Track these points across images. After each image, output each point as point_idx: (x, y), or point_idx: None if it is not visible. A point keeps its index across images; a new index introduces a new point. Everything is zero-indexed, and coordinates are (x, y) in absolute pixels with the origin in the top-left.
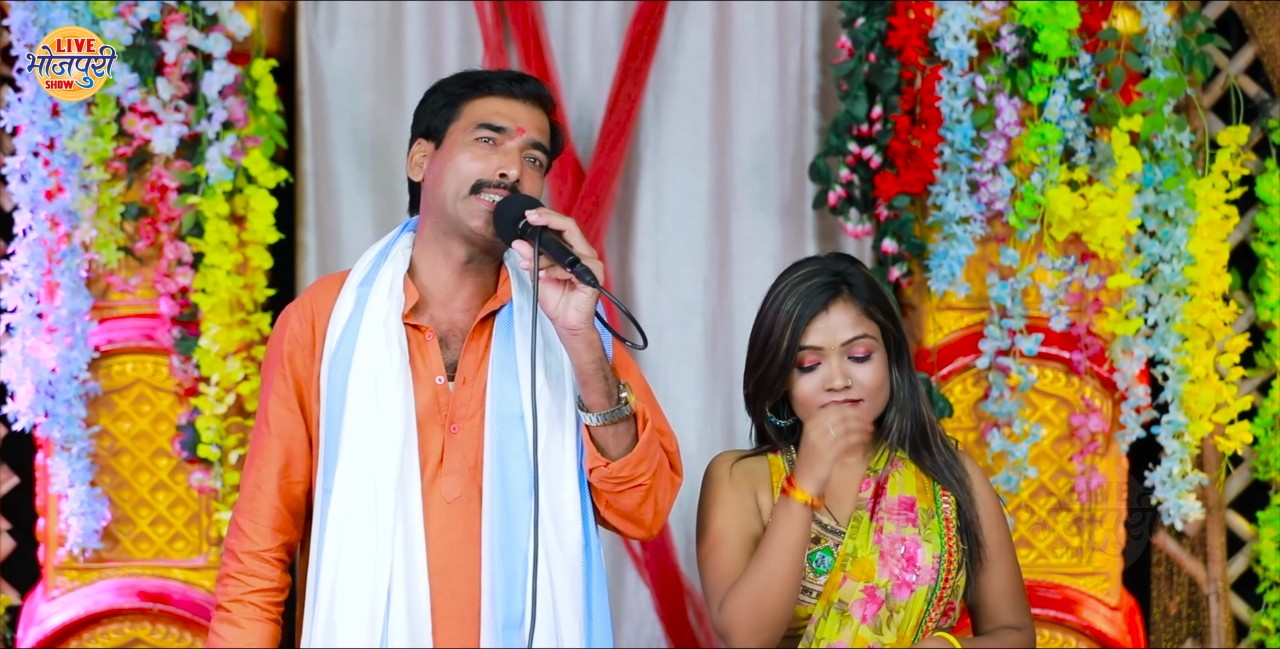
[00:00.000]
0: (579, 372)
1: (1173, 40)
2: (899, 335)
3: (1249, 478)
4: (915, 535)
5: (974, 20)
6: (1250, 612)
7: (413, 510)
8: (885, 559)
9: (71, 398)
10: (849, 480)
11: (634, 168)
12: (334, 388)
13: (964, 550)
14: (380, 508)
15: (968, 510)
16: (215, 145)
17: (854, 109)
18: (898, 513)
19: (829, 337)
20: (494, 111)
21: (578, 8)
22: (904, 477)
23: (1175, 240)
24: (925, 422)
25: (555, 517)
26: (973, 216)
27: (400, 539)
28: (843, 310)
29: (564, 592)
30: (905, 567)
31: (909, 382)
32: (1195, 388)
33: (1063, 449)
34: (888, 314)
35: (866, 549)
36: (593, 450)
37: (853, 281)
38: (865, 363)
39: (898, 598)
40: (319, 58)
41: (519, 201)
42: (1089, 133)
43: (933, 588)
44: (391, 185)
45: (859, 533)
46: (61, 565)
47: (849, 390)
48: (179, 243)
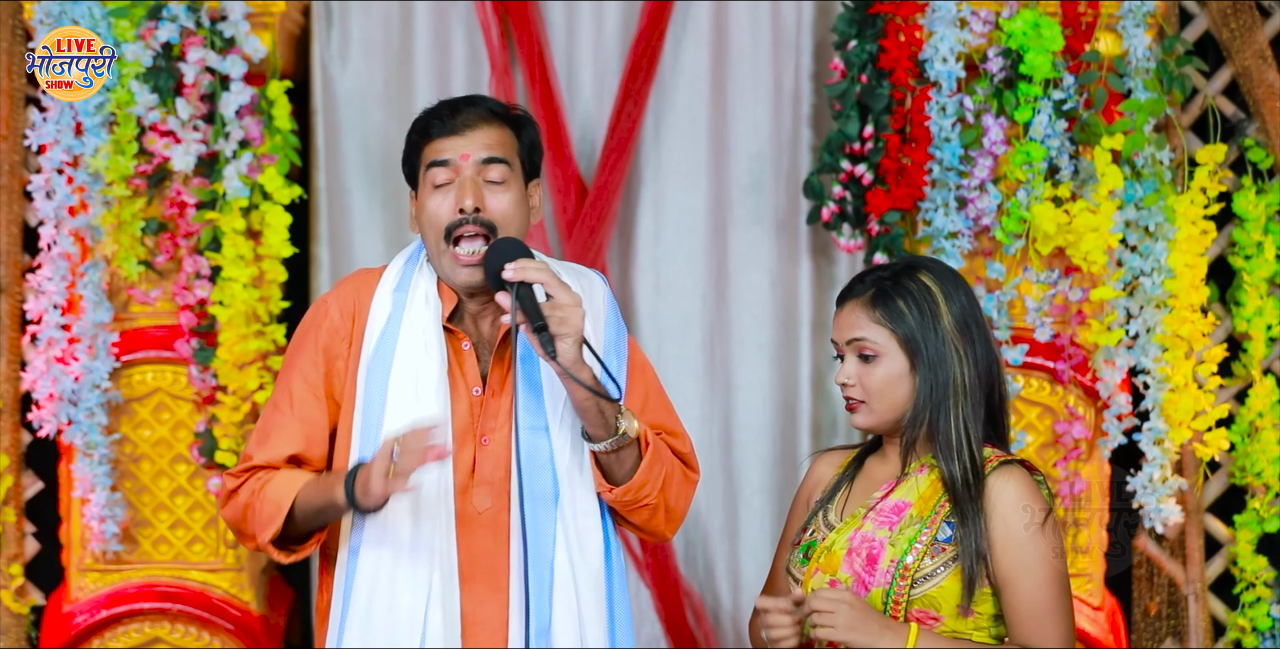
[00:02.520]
0: (575, 405)
1: (1153, 62)
2: (925, 344)
3: (1226, 483)
4: (884, 538)
5: (962, 43)
6: (1228, 611)
7: (450, 521)
8: (851, 556)
9: (93, 406)
10: (878, 481)
11: (635, 185)
12: (372, 393)
13: (943, 563)
14: (420, 519)
15: (967, 534)
16: (232, 163)
17: (846, 128)
18: (886, 515)
19: (839, 331)
20: (437, 150)
21: (581, 30)
22: (919, 482)
23: (1155, 254)
24: (954, 440)
25: (578, 525)
26: (960, 231)
27: (438, 550)
28: (852, 311)
29: (588, 599)
30: (865, 566)
31: (936, 384)
32: (1175, 396)
33: (1047, 455)
34: (903, 323)
35: (840, 544)
36: (598, 475)
37: (881, 286)
38: (870, 365)
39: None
40: (332, 79)
41: (500, 253)
42: (1072, 151)
43: (887, 591)
44: (400, 201)
45: (847, 528)
46: (84, 567)
47: (853, 389)
48: (197, 257)
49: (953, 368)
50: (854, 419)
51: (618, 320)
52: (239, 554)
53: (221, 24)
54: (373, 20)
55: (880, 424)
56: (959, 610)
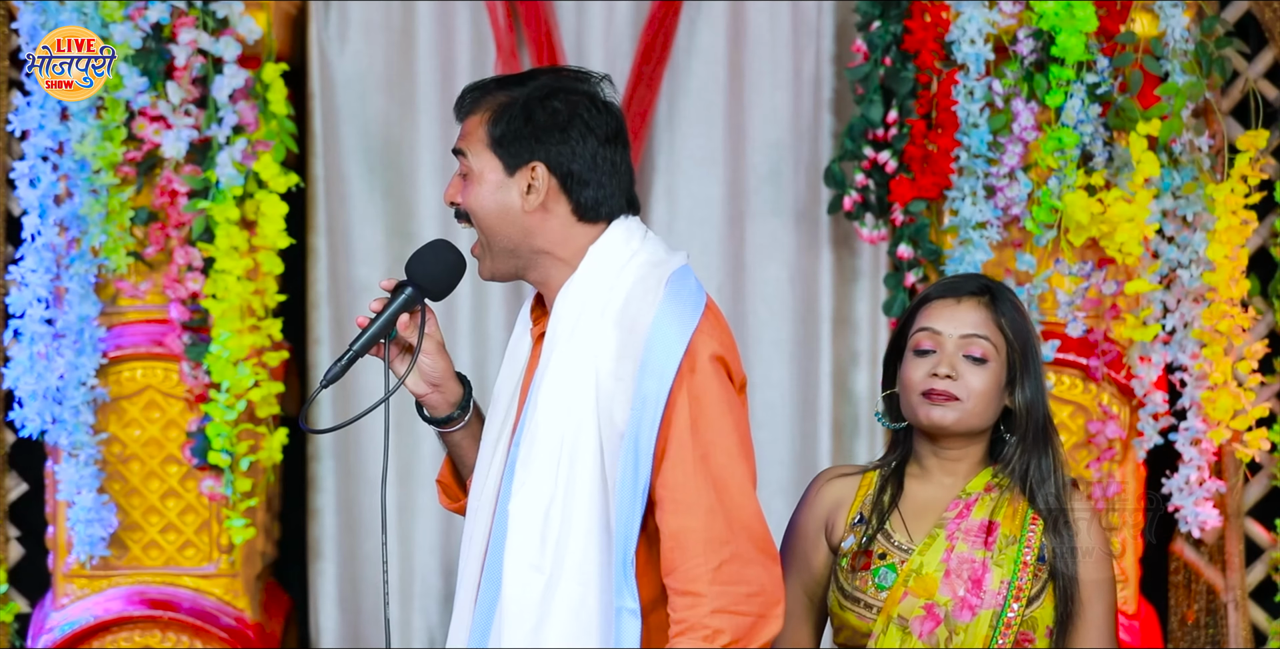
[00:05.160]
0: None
1: (1191, 44)
2: (1025, 365)
3: (1267, 485)
4: (986, 559)
5: (990, 23)
6: (1269, 620)
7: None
8: (950, 578)
9: (79, 404)
10: (939, 499)
11: (648, 173)
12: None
13: (1044, 582)
14: (475, 518)
15: (1059, 549)
16: (226, 150)
17: (869, 113)
18: (975, 535)
19: (951, 323)
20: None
21: (591, 10)
22: (996, 501)
23: (1193, 246)
24: (1047, 471)
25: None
26: (989, 222)
27: (480, 549)
28: (974, 308)
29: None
30: (970, 588)
31: (1035, 416)
32: (1213, 394)
33: (1080, 456)
34: (1020, 338)
35: (933, 566)
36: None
37: (999, 295)
38: (979, 366)
39: (959, 619)
40: (330, 61)
41: (419, 260)
42: (1106, 137)
43: (998, 613)
44: (402, 190)
45: (930, 550)
46: (71, 573)
47: (952, 383)
48: (189, 248)
49: (1043, 393)
50: (937, 414)
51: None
52: (233, 559)
53: (214, 4)
54: (373, 1)
55: (960, 427)
56: (1048, 631)
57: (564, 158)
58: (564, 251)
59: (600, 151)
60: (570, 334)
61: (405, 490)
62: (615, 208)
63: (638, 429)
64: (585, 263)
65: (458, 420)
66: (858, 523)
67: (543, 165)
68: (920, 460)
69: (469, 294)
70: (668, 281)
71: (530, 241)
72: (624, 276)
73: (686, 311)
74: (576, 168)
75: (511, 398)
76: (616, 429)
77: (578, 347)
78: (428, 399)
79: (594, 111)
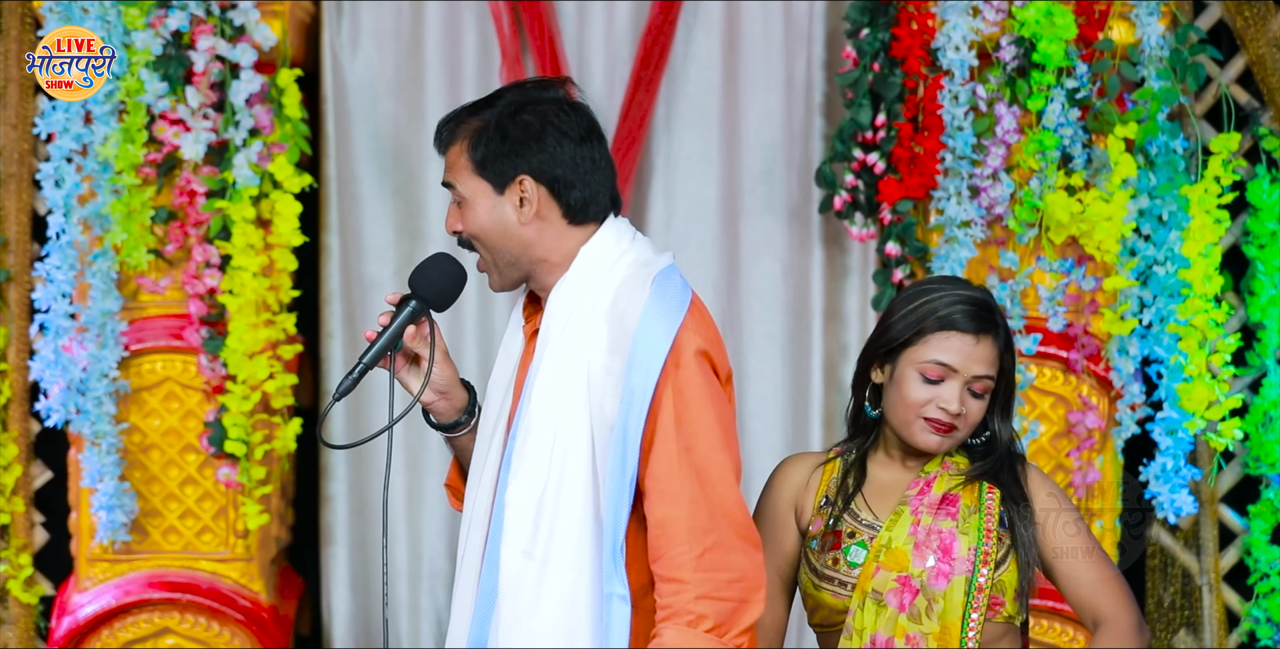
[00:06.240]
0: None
1: (1166, 50)
2: (1009, 389)
3: (1240, 473)
4: (953, 528)
5: (974, 31)
6: (1242, 602)
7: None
8: (920, 549)
9: (101, 395)
10: (901, 480)
11: (646, 173)
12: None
13: (1008, 547)
14: (473, 508)
15: (1015, 514)
16: (242, 151)
17: (859, 116)
18: (939, 507)
19: (967, 363)
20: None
21: (592, 18)
22: (953, 477)
23: (1169, 244)
24: (1017, 475)
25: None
26: (973, 220)
27: (481, 540)
28: (989, 347)
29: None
30: (941, 556)
31: (1009, 433)
32: (1188, 386)
33: (1060, 445)
34: (1010, 371)
35: (902, 540)
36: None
37: (1001, 327)
38: (979, 400)
39: (935, 587)
40: (342, 67)
41: (421, 274)
42: (1085, 140)
43: (970, 578)
44: (410, 190)
45: (897, 525)
46: (93, 557)
47: (958, 418)
48: (207, 246)
49: (1011, 415)
50: (935, 442)
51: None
52: (248, 544)
53: (232, 12)
54: (383, 9)
55: (949, 449)
56: (1015, 594)
57: (547, 165)
58: (558, 256)
59: (578, 151)
60: (563, 330)
61: (413, 477)
62: (602, 206)
63: (626, 422)
64: (577, 263)
65: (464, 425)
66: (824, 506)
67: (529, 177)
68: (887, 450)
69: (474, 300)
70: (654, 280)
71: (530, 252)
72: (613, 275)
73: (672, 308)
74: (560, 172)
75: (506, 392)
76: (607, 422)
77: (570, 342)
78: (435, 406)
79: (563, 115)
